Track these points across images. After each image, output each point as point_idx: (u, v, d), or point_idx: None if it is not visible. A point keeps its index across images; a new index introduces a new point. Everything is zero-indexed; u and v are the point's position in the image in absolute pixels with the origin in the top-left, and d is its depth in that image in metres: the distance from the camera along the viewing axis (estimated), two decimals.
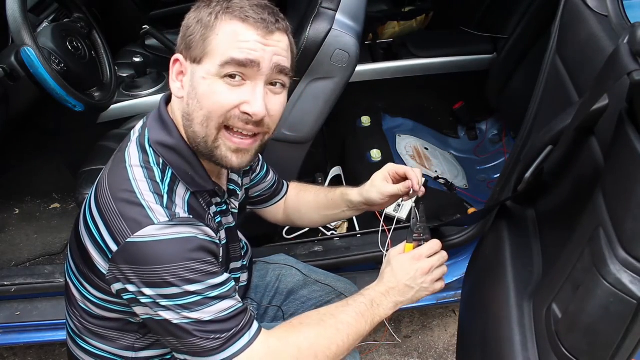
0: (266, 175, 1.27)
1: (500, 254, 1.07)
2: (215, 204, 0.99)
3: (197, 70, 0.85)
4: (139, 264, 0.81)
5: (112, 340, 0.98)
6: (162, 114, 0.92)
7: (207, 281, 0.83)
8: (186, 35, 0.87)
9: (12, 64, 1.42)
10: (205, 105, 0.85)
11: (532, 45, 1.99)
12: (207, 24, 0.84)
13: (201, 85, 0.85)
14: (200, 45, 0.84)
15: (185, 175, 0.90)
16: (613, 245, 0.68)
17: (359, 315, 0.95)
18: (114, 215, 0.83)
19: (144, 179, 0.85)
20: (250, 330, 0.87)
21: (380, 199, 1.16)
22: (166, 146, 0.89)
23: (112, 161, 0.93)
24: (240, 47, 0.83)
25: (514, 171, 1.16)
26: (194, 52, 0.85)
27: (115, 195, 0.84)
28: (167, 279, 0.80)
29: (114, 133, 1.82)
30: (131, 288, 0.84)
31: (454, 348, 1.85)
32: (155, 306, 0.83)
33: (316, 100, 1.43)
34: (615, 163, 0.73)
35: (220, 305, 0.84)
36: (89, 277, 0.92)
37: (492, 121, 2.39)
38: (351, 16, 1.38)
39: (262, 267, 1.33)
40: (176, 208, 0.85)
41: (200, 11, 0.86)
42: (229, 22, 0.84)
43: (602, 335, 0.71)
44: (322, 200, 1.27)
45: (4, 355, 1.82)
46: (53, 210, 2.20)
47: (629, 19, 0.98)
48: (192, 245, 0.82)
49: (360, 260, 1.56)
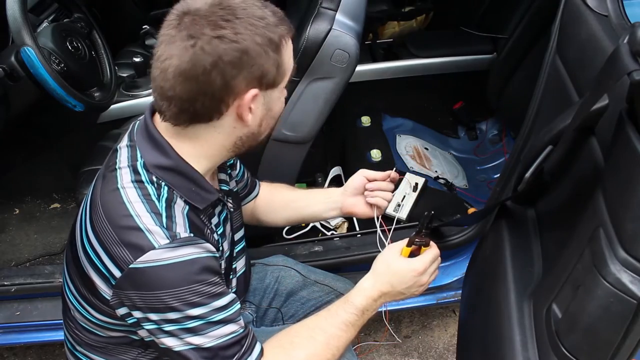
0: (243, 174, 1.24)
1: (500, 254, 1.07)
2: (218, 214, 0.98)
3: (273, 92, 0.86)
4: (143, 289, 0.80)
5: (113, 354, 0.97)
6: (152, 133, 0.87)
7: (212, 304, 0.82)
8: (252, 64, 0.79)
9: (12, 64, 1.42)
10: (275, 113, 0.90)
11: (532, 45, 1.98)
12: (276, 47, 0.81)
13: (277, 104, 0.89)
14: (274, 71, 0.82)
15: (189, 193, 0.87)
16: (613, 245, 0.68)
17: (349, 325, 0.94)
18: (113, 243, 0.81)
19: (139, 199, 0.82)
20: (252, 356, 0.87)
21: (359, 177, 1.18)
22: (164, 168, 0.85)
23: (102, 179, 0.88)
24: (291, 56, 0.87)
25: (514, 171, 1.16)
26: (269, 77, 0.82)
27: (112, 222, 0.81)
28: (171, 304, 0.79)
29: (114, 133, 1.82)
30: (137, 314, 0.83)
31: (454, 348, 1.85)
32: (158, 332, 0.82)
33: (316, 100, 1.43)
34: (615, 163, 0.74)
35: (223, 330, 0.83)
36: (90, 301, 0.90)
37: (492, 121, 2.39)
38: (351, 16, 1.38)
39: (261, 269, 1.32)
40: (176, 227, 0.82)
41: (246, 29, 0.77)
42: (289, 39, 0.85)
43: (602, 335, 0.71)
44: (298, 194, 1.28)
45: (4, 355, 1.82)
46: (53, 210, 2.20)
47: (629, 19, 0.98)
48: (196, 267, 0.81)
49: (360, 260, 1.56)
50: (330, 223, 1.76)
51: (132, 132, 0.92)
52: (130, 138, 0.91)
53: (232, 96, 0.80)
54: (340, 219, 1.78)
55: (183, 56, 0.76)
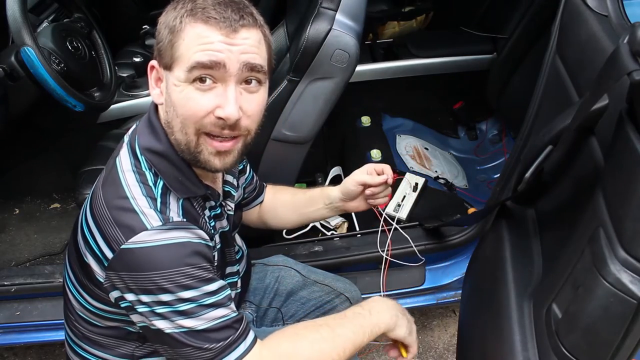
0: (252, 178, 1.26)
1: (500, 254, 1.07)
2: (210, 208, 0.98)
3: (169, 77, 0.84)
4: (134, 270, 0.80)
5: (111, 348, 0.98)
6: (152, 119, 0.90)
7: (203, 287, 0.82)
8: (157, 42, 0.85)
9: (12, 64, 1.42)
10: (180, 112, 0.83)
11: (532, 45, 1.98)
12: (173, 28, 0.82)
13: (174, 92, 0.83)
14: (169, 52, 0.83)
15: (175, 181, 0.88)
16: (613, 245, 0.68)
17: (357, 326, 0.95)
18: (108, 223, 0.82)
19: (136, 183, 0.85)
20: (246, 340, 0.87)
21: (354, 185, 1.16)
22: (155, 152, 0.88)
23: (105, 169, 0.92)
24: (204, 49, 0.80)
25: (514, 171, 1.16)
26: (165, 58, 0.84)
27: (108, 203, 0.83)
28: (162, 285, 0.80)
29: (114, 133, 1.82)
30: (129, 296, 0.83)
31: (454, 348, 1.85)
32: (151, 314, 0.83)
33: (316, 100, 1.43)
34: (615, 163, 0.74)
35: (214, 313, 0.84)
36: (87, 287, 0.91)
37: (492, 121, 2.39)
38: (351, 16, 1.38)
39: (261, 269, 1.32)
40: (170, 212, 0.84)
41: (167, 15, 0.84)
42: (193, 25, 0.81)
43: (602, 335, 0.71)
44: (300, 198, 1.27)
45: (4, 355, 1.82)
46: (53, 210, 2.20)
47: (629, 19, 0.98)
48: (187, 250, 0.82)
49: (360, 260, 1.56)
50: (330, 223, 1.77)
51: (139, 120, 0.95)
52: (136, 127, 0.94)
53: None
54: (340, 219, 1.79)
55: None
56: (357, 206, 1.22)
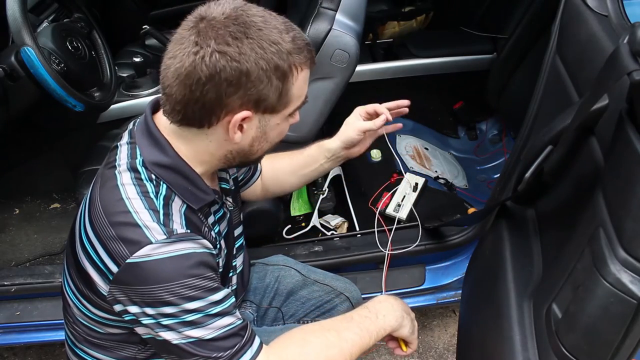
0: None
1: (500, 254, 1.07)
2: (213, 212, 0.98)
3: (272, 118, 0.85)
4: (139, 284, 0.80)
5: (112, 350, 0.97)
6: (152, 131, 0.87)
7: (208, 297, 0.82)
8: (250, 87, 0.78)
9: (12, 64, 1.42)
10: (275, 141, 0.92)
11: (532, 45, 1.98)
12: (283, 75, 0.80)
13: (275, 130, 0.88)
14: (276, 97, 0.82)
15: (185, 192, 0.87)
16: (613, 245, 0.68)
17: (364, 330, 0.95)
18: (111, 238, 0.81)
19: (137, 196, 0.83)
20: (252, 347, 0.87)
21: (357, 134, 1.17)
22: (162, 166, 0.86)
23: (101, 177, 0.89)
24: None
25: (514, 171, 1.16)
26: (268, 103, 0.82)
27: (110, 218, 0.82)
28: (167, 298, 0.79)
29: (114, 133, 1.82)
30: (133, 309, 0.83)
31: (454, 348, 1.85)
32: (156, 326, 0.83)
33: (316, 100, 1.43)
34: (615, 163, 0.74)
35: (221, 322, 0.83)
36: (88, 296, 0.90)
37: (492, 121, 2.39)
38: (351, 16, 1.38)
39: (261, 269, 1.32)
40: (173, 224, 0.83)
41: (252, 51, 0.76)
42: (305, 70, 0.84)
43: (602, 335, 0.71)
44: (299, 160, 1.26)
45: (4, 355, 1.82)
46: (53, 210, 2.20)
47: (629, 19, 0.99)
48: (192, 262, 0.81)
49: (360, 260, 1.56)
50: (330, 223, 1.77)
51: (132, 130, 0.93)
52: (131, 135, 0.92)
53: (224, 111, 0.80)
54: (340, 219, 1.78)
55: (185, 60, 0.77)
56: (359, 150, 1.22)
